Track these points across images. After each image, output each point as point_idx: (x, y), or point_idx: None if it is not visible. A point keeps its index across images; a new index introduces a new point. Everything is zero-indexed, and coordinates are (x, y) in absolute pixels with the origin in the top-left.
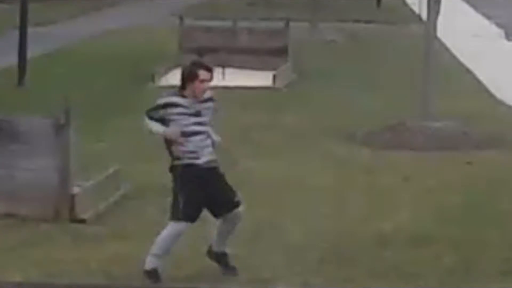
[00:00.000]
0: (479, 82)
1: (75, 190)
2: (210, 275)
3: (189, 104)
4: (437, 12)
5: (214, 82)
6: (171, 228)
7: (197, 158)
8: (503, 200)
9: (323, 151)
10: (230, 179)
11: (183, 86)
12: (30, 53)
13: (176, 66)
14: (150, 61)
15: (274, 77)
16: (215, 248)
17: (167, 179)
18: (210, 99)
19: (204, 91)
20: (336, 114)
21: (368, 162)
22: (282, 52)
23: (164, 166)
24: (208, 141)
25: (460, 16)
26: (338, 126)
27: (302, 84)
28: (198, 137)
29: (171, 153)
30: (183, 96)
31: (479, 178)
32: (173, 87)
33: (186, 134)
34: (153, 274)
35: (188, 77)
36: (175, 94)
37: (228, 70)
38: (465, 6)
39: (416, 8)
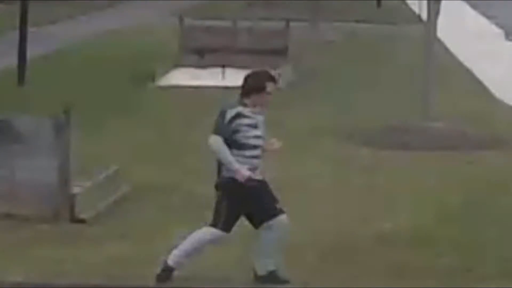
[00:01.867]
0: (479, 82)
1: (75, 190)
2: (210, 275)
3: (251, 115)
4: (437, 12)
5: (214, 82)
6: (209, 233)
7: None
8: (503, 200)
9: (323, 151)
10: None
11: (246, 95)
12: (30, 53)
13: (176, 66)
14: (150, 61)
15: None
16: (261, 272)
17: (167, 179)
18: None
19: (267, 104)
20: (336, 114)
21: (368, 162)
22: (282, 52)
23: (164, 166)
24: (259, 160)
25: (460, 16)
26: (338, 126)
27: (302, 84)
28: (255, 152)
29: (220, 171)
30: (245, 105)
31: (479, 178)
32: (173, 87)
33: (246, 147)
34: (167, 271)
35: (255, 88)
36: (239, 103)
37: (228, 70)
38: (465, 6)
39: (416, 8)
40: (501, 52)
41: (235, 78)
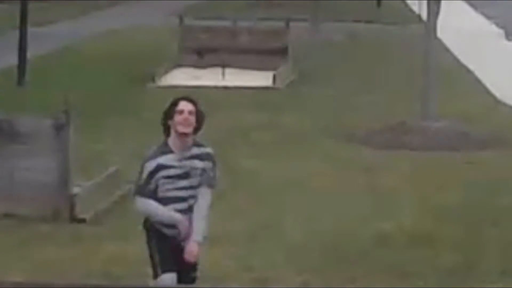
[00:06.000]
0: (479, 82)
1: (75, 190)
2: (210, 275)
3: (177, 162)
4: (437, 12)
5: (214, 82)
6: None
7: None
8: (503, 200)
9: (323, 151)
10: (230, 179)
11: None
12: (30, 53)
13: (176, 66)
14: (150, 61)
15: (274, 77)
16: None
17: None
18: (198, 156)
19: (184, 123)
20: (336, 114)
21: (368, 162)
22: (282, 52)
23: None
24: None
25: (460, 16)
26: (338, 126)
27: (302, 84)
28: (178, 205)
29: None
30: (170, 152)
31: (478, 178)
32: (173, 87)
33: (163, 201)
34: None
35: (168, 115)
36: (162, 152)
37: (228, 70)
38: (465, 6)
39: (416, 8)
40: (501, 52)
41: (235, 78)
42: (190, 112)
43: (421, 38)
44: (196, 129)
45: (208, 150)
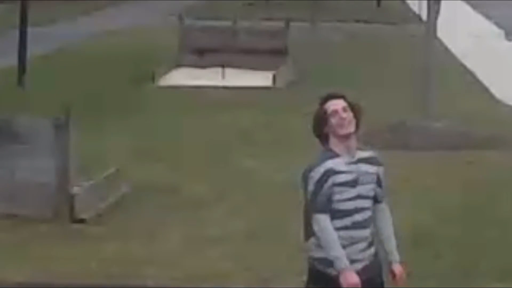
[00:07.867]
0: (479, 82)
1: (75, 190)
2: (210, 275)
3: (346, 166)
4: (437, 12)
5: (213, 82)
6: None
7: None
8: (503, 200)
9: None
10: (230, 179)
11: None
12: (30, 53)
13: (176, 66)
14: (150, 61)
15: (274, 77)
16: None
17: (167, 179)
18: (367, 160)
19: (343, 123)
20: None
21: None
22: (282, 52)
23: (164, 166)
24: (367, 231)
25: (460, 16)
26: None
27: (302, 84)
28: (342, 222)
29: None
30: (337, 156)
31: (479, 178)
32: (173, 87)
33: (337, 216)
34: None
35: (321, 122)
36: (328, 157)
37: (228, 70)
38: (465, 6)
39: (416, 8)
40: (501, 52)
41: (235, 78)
42: (344, 109)
43: (421, 38)
44: (357, 125)
45: (373, 153)
